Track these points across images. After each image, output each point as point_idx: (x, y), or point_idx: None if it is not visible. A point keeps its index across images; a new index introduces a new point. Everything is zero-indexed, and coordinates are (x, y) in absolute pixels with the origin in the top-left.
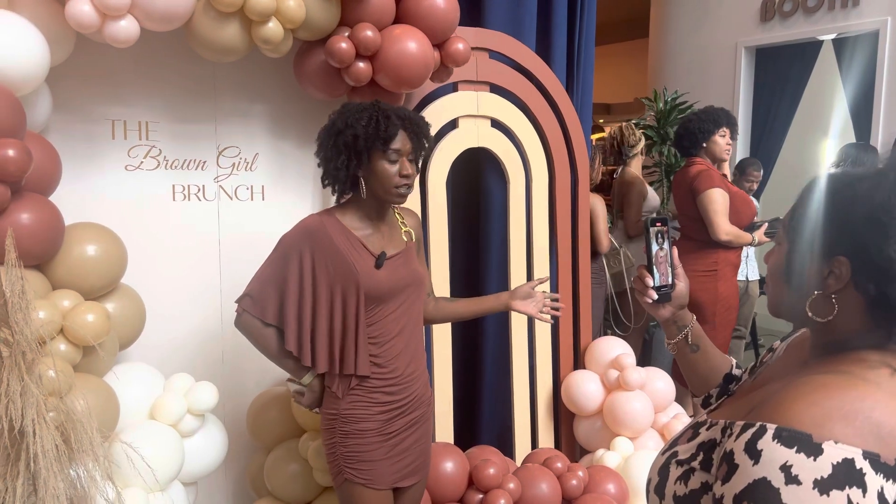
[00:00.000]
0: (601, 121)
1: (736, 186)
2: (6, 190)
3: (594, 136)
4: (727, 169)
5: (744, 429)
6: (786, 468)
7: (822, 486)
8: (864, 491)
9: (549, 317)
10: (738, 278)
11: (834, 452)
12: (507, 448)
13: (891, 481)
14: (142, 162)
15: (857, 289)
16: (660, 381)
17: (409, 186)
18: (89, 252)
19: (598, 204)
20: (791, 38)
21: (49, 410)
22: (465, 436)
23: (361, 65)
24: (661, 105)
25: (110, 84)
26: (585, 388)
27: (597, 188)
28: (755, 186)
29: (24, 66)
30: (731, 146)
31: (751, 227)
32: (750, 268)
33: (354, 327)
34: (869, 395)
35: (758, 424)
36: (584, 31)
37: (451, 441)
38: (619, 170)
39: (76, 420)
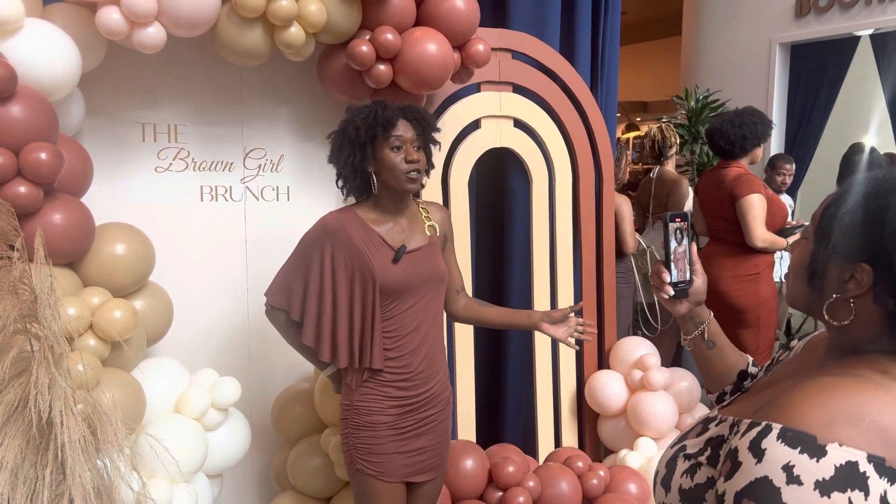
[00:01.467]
0: (637, 119)
1: (770, 183)
2: (39, 191)
3: (631, 135)
4: None
5: (750, 427)
6: (788, 468)
7: (824, 487)
8: (867, 494)
9: (574, 342)
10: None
11: (838, 455)
12: (531, 447)
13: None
14: (171, 164)
15: (876, 300)
16: (684, 382)
17: (419, 172)
18: (118, 251)
19: (623, 204)
20: (827, 33)
21: (77, 403)
22: (489, 434)
23: (382, 67)
24: (692, 103)
25: (141, 89)
26: (609, 388)
27: (624, 187)
28: (788, 180)
29: (57, 73)
30: None
31: (783, 232)
32: (785, 268)
33: (371, 321)
34: (877, 399)
35: (763, 423)
36: (609, 30)
37: (474, 439)
38: (656, 169)
39: (102, 412)
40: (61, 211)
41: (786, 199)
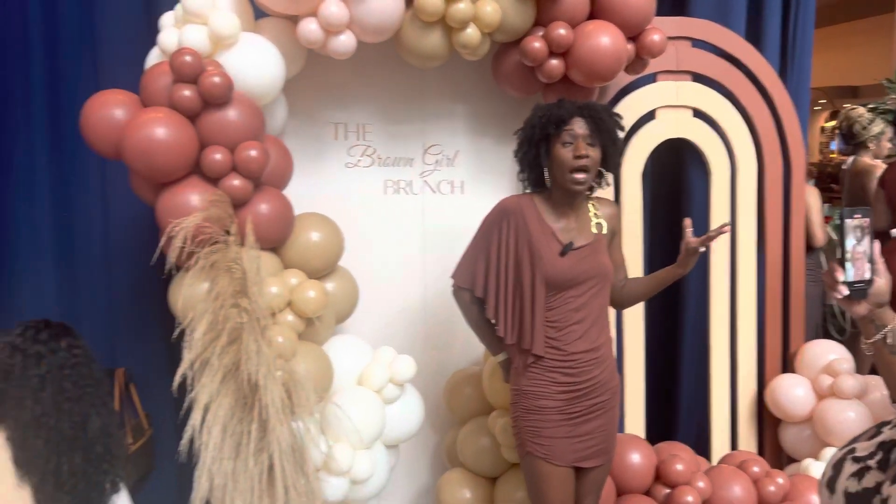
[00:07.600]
0: (846, 105)
1: None
2: (249, 184)
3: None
4: None
5: None
6: None
7: None
8: None
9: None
10: None
11: None
12: (704, 450)
13: None
14: (359, 160)
15: None
16: (880, 391)
17: (586, 170)
18: (313, 238)
19: (811, 195)
20: None
21: (277, 370)
22: (659, 432)
23: (554, 62)
24: None
25: (334, 92)
26: (793, 393)
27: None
28: None
29: (265, 80)
30: None
31: None
32: None
33: (531, 308)
34: None
35: None
36: (801, 12)
37: (642, 435)
38: (850, 160)
39: (297, 380)
40: (267, 202)
41: None
